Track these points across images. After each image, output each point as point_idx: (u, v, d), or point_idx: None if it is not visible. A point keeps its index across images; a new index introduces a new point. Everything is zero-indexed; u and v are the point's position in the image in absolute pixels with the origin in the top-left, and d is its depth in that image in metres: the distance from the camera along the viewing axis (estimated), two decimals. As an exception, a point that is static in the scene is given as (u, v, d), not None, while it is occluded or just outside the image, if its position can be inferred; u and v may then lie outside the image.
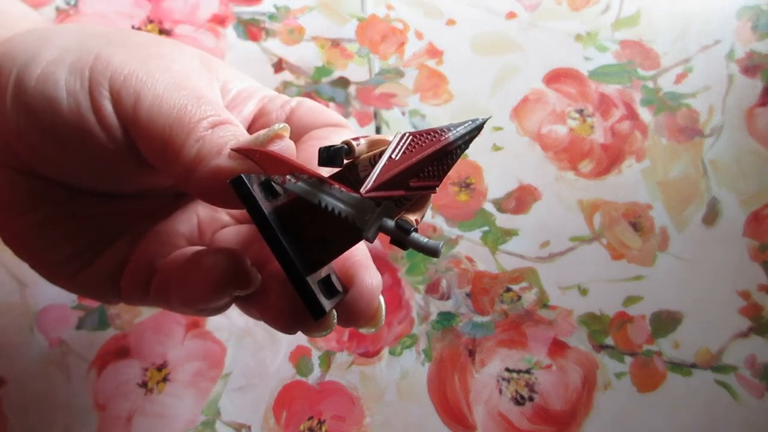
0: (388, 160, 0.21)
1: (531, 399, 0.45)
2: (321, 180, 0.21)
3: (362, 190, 0.20)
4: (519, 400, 0.45)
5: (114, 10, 0.56)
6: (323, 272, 0.24)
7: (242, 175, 0.22)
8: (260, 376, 0.45)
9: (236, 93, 0.30)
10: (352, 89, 0.54)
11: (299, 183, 0.21)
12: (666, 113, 0.54)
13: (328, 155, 0.21)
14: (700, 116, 0.54)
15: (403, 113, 0.53)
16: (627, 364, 0.46)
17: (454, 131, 0.21)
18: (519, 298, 0.48)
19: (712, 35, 0.57)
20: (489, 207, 0.50)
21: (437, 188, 0.22)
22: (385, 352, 0.46)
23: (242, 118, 0.30)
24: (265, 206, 0.22)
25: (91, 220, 0.30)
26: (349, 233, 0.22)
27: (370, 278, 0.27)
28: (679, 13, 0.58)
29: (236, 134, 0.25)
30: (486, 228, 0.50)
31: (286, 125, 0.24)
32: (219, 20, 0.56)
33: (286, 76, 0.54)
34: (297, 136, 0.30)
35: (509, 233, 0.50)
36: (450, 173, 0.53)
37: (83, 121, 0.26)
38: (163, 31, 0.55)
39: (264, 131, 0.24)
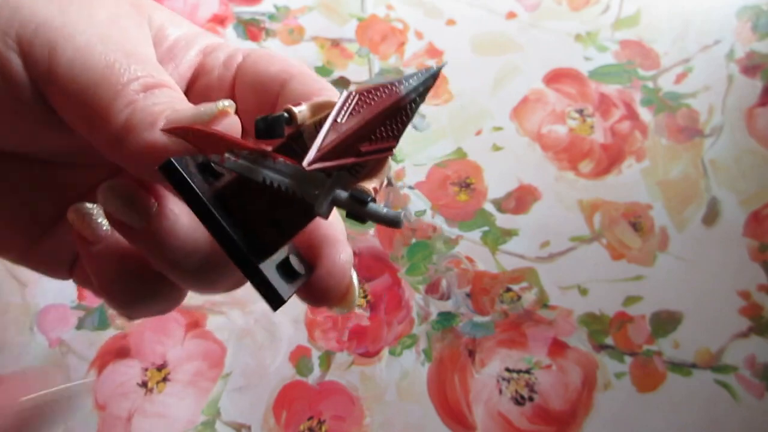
0: (332, 124, 0.18)
1: (531, 399, 0.45)
2: (263, 154, 0.19)
3: (305, 162, 0.18)
4: (519, 400, 0.45)
5: (114, 10, 0.56)
6: (281, 254, 0.21)
7: (172, 159, 0.19)
8: (260, 376, 0.45)
9: (173, 41, 0.25)
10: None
11: (240, 160, 0.19)
12: (666, 113, 0.54)
13: (265, 126, 0.19)
14: (700, 116, 0.54)
15: (403, 113, 0.53)
16: (627, 364, 0.46)
17: (406, 83, 0.19)
18: (519, 298, 0.48)
19: (712, 35, 0.57)
20: (489, 207, 0.50)
21: (394, 149, 0.19)
22: (385, 352, 0.46)
23: (179, 73, 0.26)
24: (205, 190, 0.19)
25: (22, 190, 0.26)
26: (300, 210, 0.19)
27: (338, 253, 0.24)
28: (679, 13, 0.58)
29: (172, 101, 0.21)
30: (486, 228, 0.50)
31: (232, 102, 0.21)
32: (219, 20, 0.56)
33: (286, 76, 0.54)
34: (249, 93, 0.25)
35: (509, 233, 0.50)
36: (450, 173, 0.53)
37: None
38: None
39: (205, 107, 0.21)
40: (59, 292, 0.45)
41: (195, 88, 0.26)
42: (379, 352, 0.46)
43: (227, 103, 0.20)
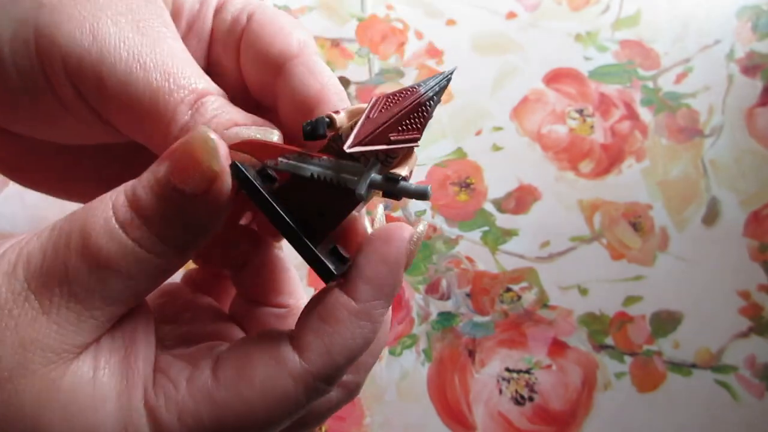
0: (366, 119, 0.22)
1: (531, 399, 0.45)
2: (309, 154, 0.22)
3: (345, 146, 0.21)
4: (519, 400, 0.45)
5: (114, 10, 0.56)
6: (330, 244, 0.25)
7: (236, 163, 0.22)
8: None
9: (188, 13, 0.27)
10: (352, 89, 0.54)
11: (290, 162, 0.22)
12: (666, 113, 0.54)
13: (310, 129, 0.22)
14: (700, 116, 0.54)
15: (403, 113, 0.53)
16: (627, 364, 0.46)
17: (425, 85, 0.22)
18: (519, 298, 0.48)
19: (712, 35, 0.57)
20: (489, 207, 0.50)
21: (419, 140, 0.23)
22: (385, 352, 0.46)
23: (202, 47, 0.27)
24: (265, 190, 0.23)
25: (104, 158, 0.30)
26: (344, 197, 0.23)
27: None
28: (679, 13, 0.58)
29: (216, 113, 0.24)
30: (486, 228, 0.50)
31: (274, 132, 0.24)
32: (219, 20, 0.56)
33: (286, 76, 0.54)
34: (252, 68, 0.27)
35: (509, 233, 0.50)
36: (450, 173, 0.53)
37: (45, 105, 0.24)
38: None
39: (253, 132, 0.23)
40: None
41: (211, 56, 0.28)
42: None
43: (276, 135, 0.24)
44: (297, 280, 0.30)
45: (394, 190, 0.22)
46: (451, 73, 0.22)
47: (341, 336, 0.22)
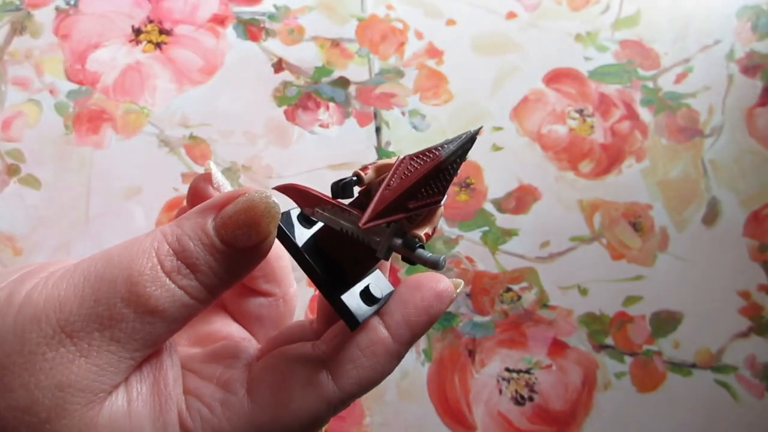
0: (384, 188, 0.22)
1: (531, 399, 0.45)
2: (342, 208, 0.23)
3: (360, 222, 0.22)
4: (519, 400, 0.45)
5: (114, 10, 0.56)
6: (364, 283, 0.26)
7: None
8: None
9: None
10: (352, 89, 0.54)
11: (325, 213, 0.24)
12: (666, 113, 0.54)
13: (338, 188, 0.23)
14: (700, 116, 0.54)
15: (403, 113, 0.53)
16: (627, 364, 0.46)
17: (447, 148, 0.22)
18: (519, 298, 0.48)
19: (712, 35, 0.57)
20: (489, 207, 0.50)
21: (442, 202, 0.23)
22: (385, 352, 0.46)
23: None
24: (303, 235, 0.24)
25: None
26: (369, 252, 0.24)
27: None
28: (679, 13, 0.58)
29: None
30: (486, 228, 0.50)
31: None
32: (219, 20, 0.56)
33: (286, 76, 0.54)
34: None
35: (509, 233, 0.50)
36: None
37: None
38: (163, 31, 0.55)
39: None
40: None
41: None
42: (379, 352, 0.46)
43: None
44: (289, 269, 0.31)
45: (410, 256, 0.22)
46: (476, 133, 0.22)
47: (374, 370, 0.24)
